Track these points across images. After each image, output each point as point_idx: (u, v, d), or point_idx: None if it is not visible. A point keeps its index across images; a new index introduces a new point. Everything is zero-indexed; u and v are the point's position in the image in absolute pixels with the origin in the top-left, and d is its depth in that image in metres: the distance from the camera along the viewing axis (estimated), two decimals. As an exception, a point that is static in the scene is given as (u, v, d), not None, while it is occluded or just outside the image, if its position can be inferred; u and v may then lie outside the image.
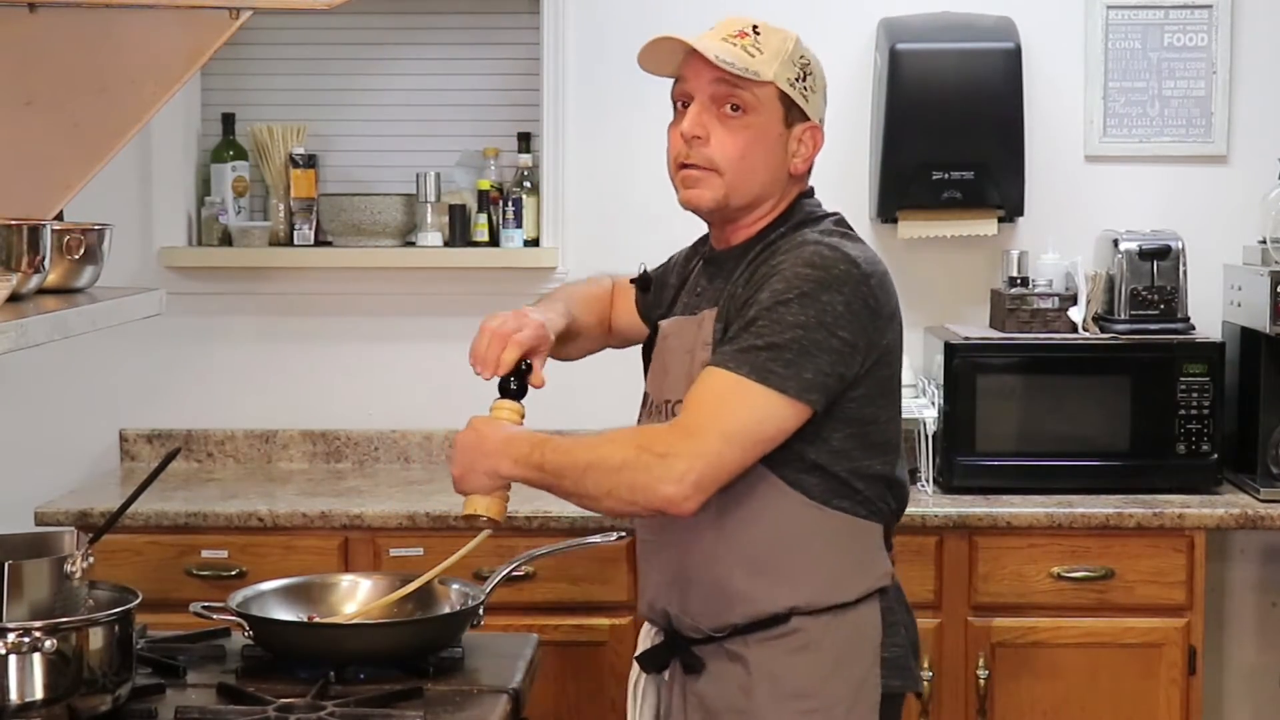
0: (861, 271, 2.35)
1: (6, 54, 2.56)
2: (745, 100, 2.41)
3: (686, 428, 2.29)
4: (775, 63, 2.42)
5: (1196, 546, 3.79)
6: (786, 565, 2.39)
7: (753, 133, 2.42)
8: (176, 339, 4.33)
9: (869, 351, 2.35)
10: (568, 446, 2.37)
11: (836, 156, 4.28)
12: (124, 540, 3.71)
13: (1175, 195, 4.31)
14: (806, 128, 2.47)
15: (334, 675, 2.53)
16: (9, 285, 2.18)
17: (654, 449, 2.28)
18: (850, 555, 2.42)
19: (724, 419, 2.29)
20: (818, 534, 2.39)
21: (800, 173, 2.49)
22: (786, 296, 2.31)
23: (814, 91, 2.47)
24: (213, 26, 2.67)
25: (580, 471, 2.33)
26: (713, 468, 2.27)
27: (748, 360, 2.29)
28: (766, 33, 2.44)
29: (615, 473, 2.30)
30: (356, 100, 4.45)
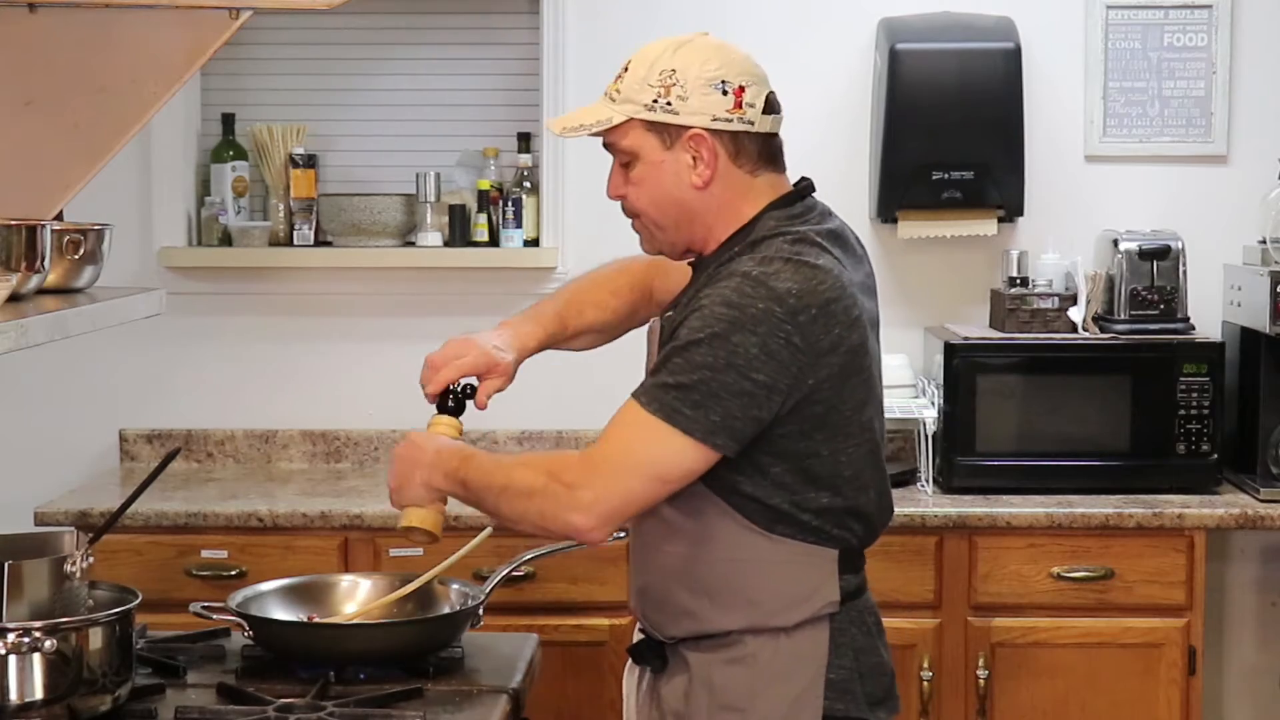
0: (786, 308, 2.25)
1: (6, 54, 2.56)
2: (623, 149, 2.40)
3: (594, 460, 2.30)
4: (630, 97, 2.37)
5: (1196, 546, 3.79)
6: (728, 588, 2.37)
7: (643, 173, 2.39)
8: (176, 339, 4.33)
9: (793, 391, 2.27)
10: (488, 467, 2.39)
11: (836, 156, 4.31)
12: (124, 540, 3.71)
13: (1175, 195, 4.31)
14: (688, 138, 2.36)
15: (334, 675, 2.53)
16: (9, 285, 2.18)
17: (562, 478, 2.29)
18: (794, 582, 2.37)
19: (630, 454, 2.28)
20: (761, 559, 2.35)
21: (703, 184, 2.38)
22: (698, 336, 2.26)
23: (685, 98, 2.35)
24: (213, 26, 2.67)
25: (495, 493, 2.36)
26: (619, 500, 2.28)
27: (657, 397, 2.26)
28: (635, 63, 2.39)
29: (525, 498, 2.31)
30: (356, 100, 4.45)
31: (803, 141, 4.26)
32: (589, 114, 2.41)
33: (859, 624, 2.42)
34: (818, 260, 2.33)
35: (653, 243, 2.47)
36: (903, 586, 3.78)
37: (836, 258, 2.37)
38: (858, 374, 2.36)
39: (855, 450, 2.37)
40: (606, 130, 2.39)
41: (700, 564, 2.38)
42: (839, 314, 2.31)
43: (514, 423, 4.29)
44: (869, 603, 2.46)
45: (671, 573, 2.41)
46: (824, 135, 4.30)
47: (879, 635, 2.46)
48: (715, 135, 2.37)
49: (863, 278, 2.46)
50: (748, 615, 2.36)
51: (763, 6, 4.30)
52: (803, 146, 4.25)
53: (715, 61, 2.38)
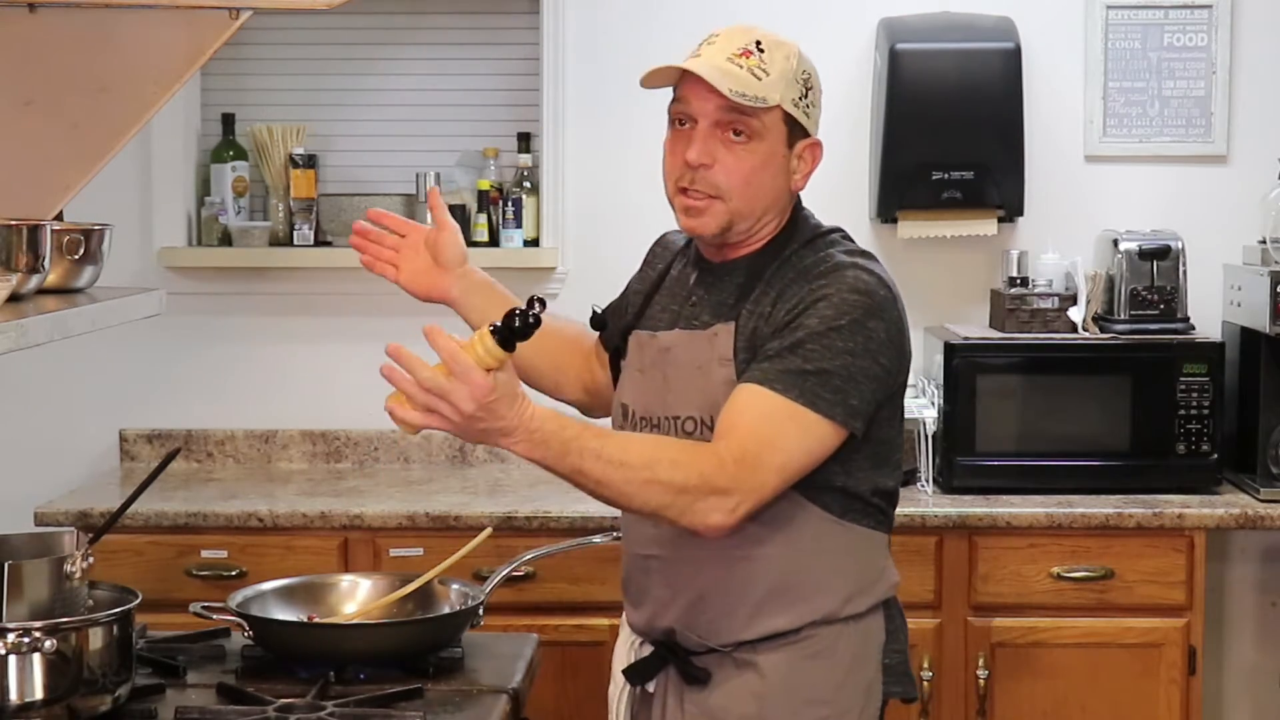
0: (894, 295, 2.38)
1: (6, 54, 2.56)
2: (751, 126, 2.38)
3: (746, 460, 2.24)
4: (781, 84, 2.39)
5: (1196, 546, 3.79)
6: (804, 582, 2.39)
7: (758, 158, 2.40)
8: (176, 339, 4.33)
9: (899, 375, 2.39)
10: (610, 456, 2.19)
11: (836, 156, 4.27)
12: (124, 540, 3.71)
13: (1175, 195, 4.31)
14: (807, 145, 2.46)
15: (334, 675, 2.53)
16: (9, 285, 2.18)
17: (716, 482, 2.22)
18: (865, 568, 2.44)
19: (778, 449, 2.27)
20: (835, 549, 2.40)
21: (800, 189, 2.49)
22: (838, 323, 2.30)
23: (815, 106, 2.47)
24: (213, 26, 2.67)
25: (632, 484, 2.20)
26: (765, 496, 2.28)
27: (796, 384, 2.28)
28: (771, 50, 2.40)
29: (672, 494, 2.22)
30: (356, 100, 4.45)
31: (803, 141, 4.31)
32: (740, 80, 2.34)
33: (899, 612, 2.50)
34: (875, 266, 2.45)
35: (723, 226, 2.39)
36: (903, 586, 3.72)
37: None
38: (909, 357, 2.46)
39: (901, 434, 2.49)
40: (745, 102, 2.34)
41: (775, 561, 2.38)
42: (902, 304, 2.42)
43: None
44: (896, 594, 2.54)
45: (743, 573, 2.39)
46: (824, 135, 4.27)
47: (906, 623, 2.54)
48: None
49: None
50: (823, 606, 2.39)
51: (763, 6, 4.29)
52: (803, 146, 4.30)
53: (818, 85, 2.49)
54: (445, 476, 4.21)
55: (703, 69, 2.36)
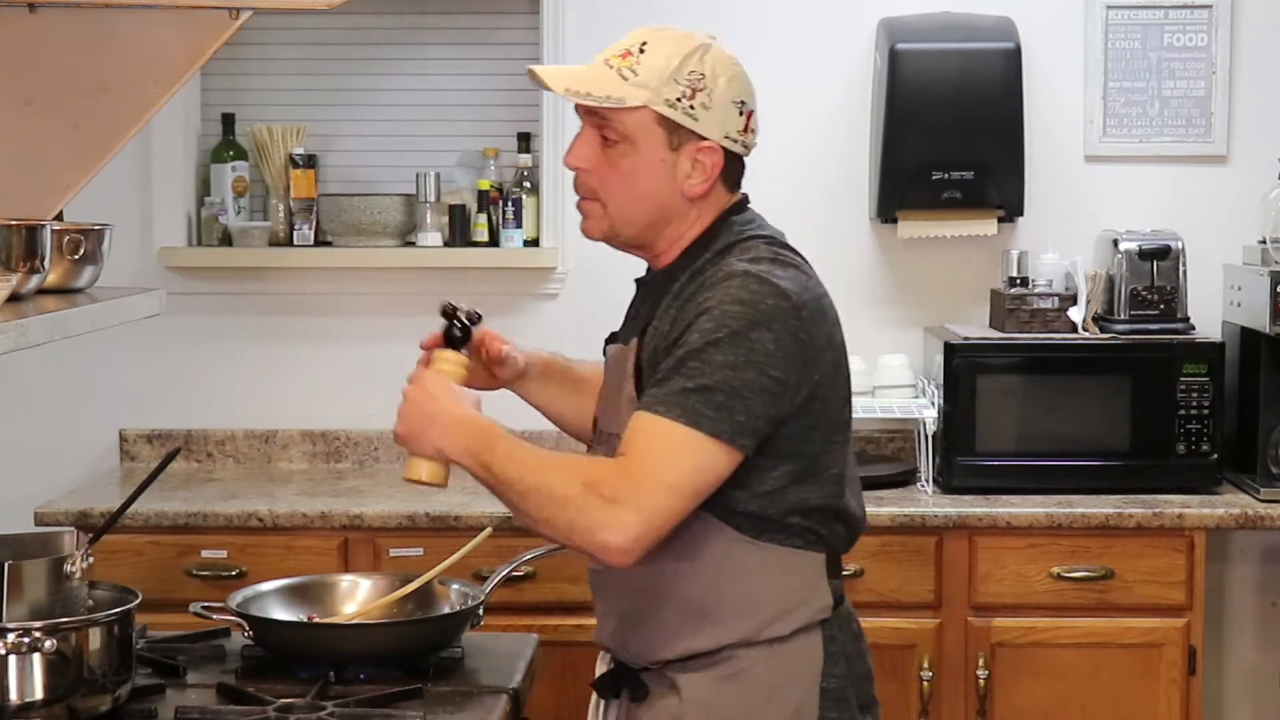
0: (792, 304, 2.24)
1: (6, 54, 2.56)
2: (617, 129, 2.30)
3: (633, 474, 2.19)
4: (651, 85, 2.28)
5: (1196, 546, 3.79)
6: (720, 605, 2.30)
7: (630, 162, 2.30)
8: (176, 339, 4.33)
9: (800, 387, 2.25)
10: (520, 458, 2.26)
11: (836, 156, 4.32)
12: (124, 540, 3.71)
13: (1175, 195, 4.31)
14: (698, 148, 2.31)
15: (334, 675, 2.53)
16: (9, 285, 2.18)
17: (601, 490, 2.17)
18: (786, 591, 2.31)
19: (665, 468, 2.18)
20: (752, 570, 2.29)
21: (697, 195, 2.33)
22: (716, 336, 2.20)
23: (709, 107, 2.31)
24: (213, 26, 2.67)
25: (524, 491, 2.24)
26: (657, 523, 2.18)
27: (678, 404, 2.18)
28: (654, 48, 2.31)
29: (559, 505, 2.20)
30: (356, 100, 4.45)
31: (803, 141, 4.31)
32: (596, 82, 2.30)
33: (847, 630, 2.38)
34: (796, 259, 2.34)
35: (607, 230, 2.36)
36: (903, 586, 3.78)
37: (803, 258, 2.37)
38: (843, 370, 2.35)
39: (840, 448, 2.35)
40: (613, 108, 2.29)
41: (690, 580, 2.30)
42: (828, 310, 2.32)
43: (513, 423, 4.28)
44: (850, 609, 2.41)
45: (658, 594, 2.33)
46: (824, 135, 4.30)
47: (864, 640, 2.43)
48: (723, 153, 2.35)
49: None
50: (741, 628, 2.30)
51: (763, 6, 4.30)
52: (803, 146, 4.31)
53: (740, 80, 2.37)
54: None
55: (547, 70, 2.38)
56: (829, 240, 4.32)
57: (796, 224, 4.24)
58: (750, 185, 4.44)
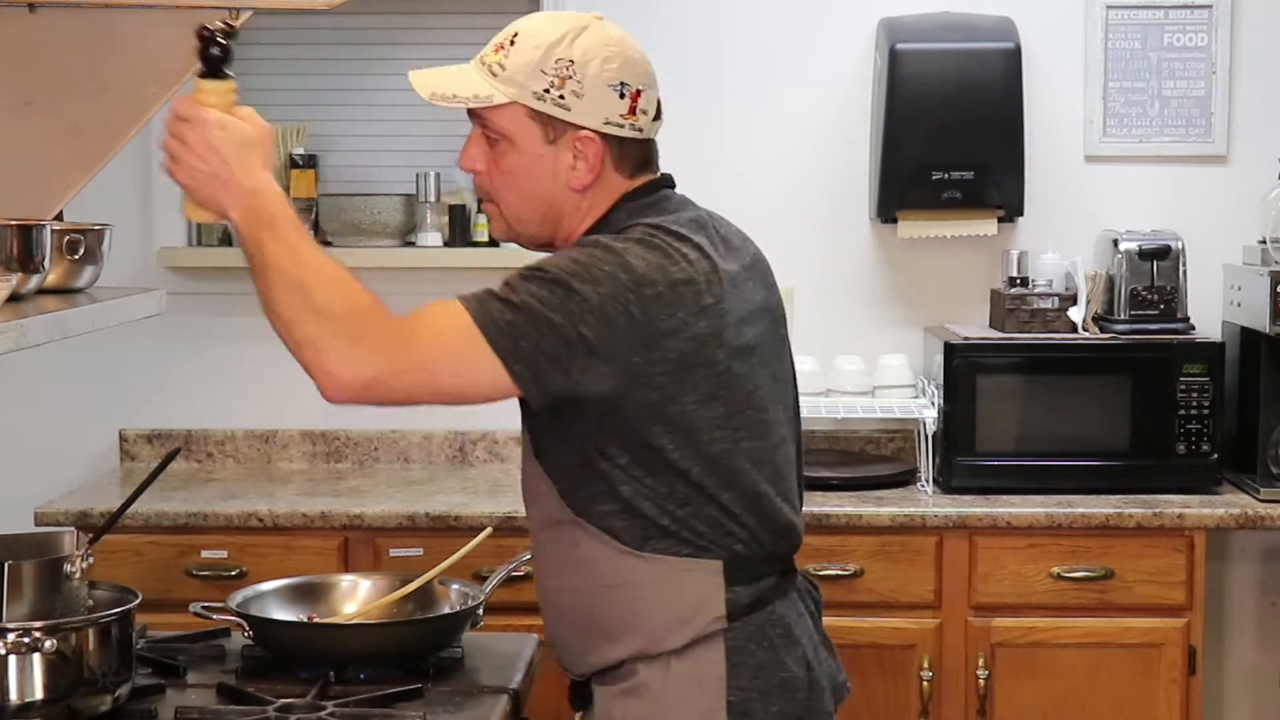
0: (632, 278, 2.14)
1: (6, 54, 2.56)
2: (495, 128, 2.26)
3: (399, 331, 2.14)
4: (517, 80, 2.22)
5: (1196, 546, 3.79)
6: (611, 619, 2.25)
7: (511, 160, 2.26)
8: (176, 339, 4.33)
9: (621, 365, 2.13)
10: (300, 252, 2.14)
11: (836, 156, 4.32)
12: (124, 540, 3.71)
13: (1175, 195, 4.31)
14: (576, 138, 2.23)
15: (334, 675, 2.52)
16: (9, 285, 2.18)
17: (360, 324, 2.13)
18: (676, 602, 2.22)
19: (429, 347, 2.13)
20: (639, 582, 2.22)
21: (584, 186, 2.26)
22: (542, 273, 2.13)
23: (581, 95, 2.22)
24: (213, 26, 2.66)
25: (286, 283, 2.13)
26: (385, 385, 2.12)
27: (479, 301, 2.12)
28: (522, 40, 2.24)
29: (311, 314, 2.11)
30: (356, 100, 4.45)
31: (803, 141, 4.31)
32: (464, 84, 2.26)
33: (759, 639, 2.25)
34: (675, 244, 2.20)
35: (508, 231, 2.34)
36: (903, 586, 3.78)
37: (699, 245, 2.22)
38: (706, 365, 2.19)
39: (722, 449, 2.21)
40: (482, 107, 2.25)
41: (584, 596, 2.27)
42: (687, 298, 2.17)
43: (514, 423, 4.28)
44: (775, 614, 2.28)
45: (563, 610, 2.32)
46: (824, 135, 4.30)
47: (787, 649, 2.27)
48: (605, 139, 2.25)
49: (741, 267, 2.29)
50: (634, 642, 2.24)
51: (763, 6, 4.30)
52: (803, 146, 4.31)
53: (617, 61, 2.25)
54: (445, 476, 4.21)
55: (418, 75, 2.33)
56: (829, 240, 4.33)
57: (796, 224, 4.29)
58: (750, 185, 4.47)
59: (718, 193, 2.77)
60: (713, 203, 2.43)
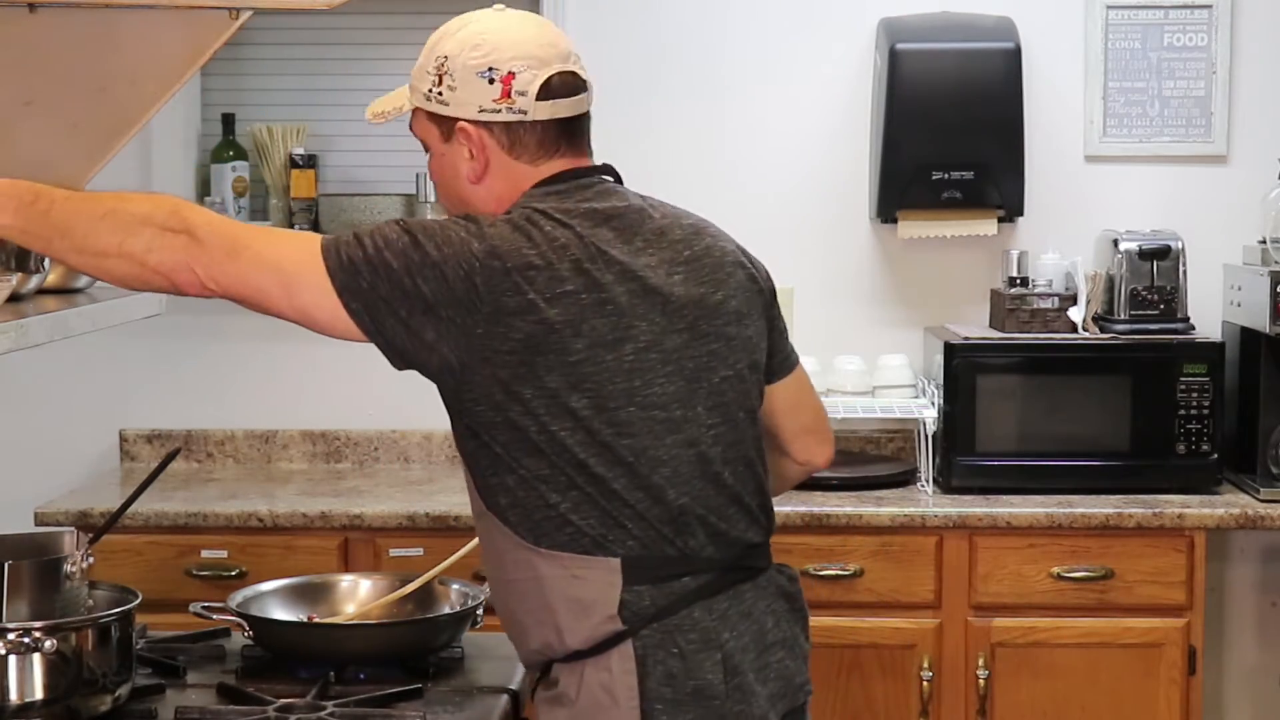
0: (484, 248, 2.13)
1: (6, 54, 2.56)
2: (417, 135, 2.33)
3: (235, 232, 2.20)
4: (416, 85, 2.30)
5: (1196, 546, 3.79)
6: (521, 614, 2.24)
7: (433, 165, 2.33)
8: (176, 339, 4.32)
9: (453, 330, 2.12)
10: (81, 195, 2.15)
11: (836, 156, 4.32)
12: (124, 540, 3.71)
13: (1175, 195, 4.31)
14: (459, 131, 2.25)
15: (334, 675, 2.52)
16: (9, 285, 2.18)
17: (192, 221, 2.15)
18: (574, 599, 2.18)
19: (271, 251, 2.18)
20: (540, 578, 2.19)
21: (476, 178, 2.25)
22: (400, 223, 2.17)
23: (454, 88, 2.23)
24: (213, 26, 2.67)
25: (95, 219, 2.12)
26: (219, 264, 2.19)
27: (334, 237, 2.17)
28: (425, 48, 2.31)
29: (138, 224, 2.12)
30: (356, 100, 4.42)
31: (803, 141, 4.31)
32: (391, 100, 2.35)
33: (669, 645, 2.17)
34: (545, 228, 2.17)
35: None
36: (903, 586, 3.78)
37: (580, 233, 2.18)
38: (557, 353, 2.14)
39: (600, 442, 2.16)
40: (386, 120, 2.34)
41: (500, 590, 2.27)
42: (539, 282, 2.13)
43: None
44: (692, 619, 2.20)
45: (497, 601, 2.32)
46: (824, 135, 4.30)
47: (703, 654, 2.19)
48: (484, 128, 2.23)
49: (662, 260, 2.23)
50: (538, 638, 2.22)
51: (763, 6, 4.30)
52: (803, 146, 4.31)
53: (485, 47, 2.23)
54: (445, 476, 4.21)
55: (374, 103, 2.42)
56: (829, 240, 4.33)
57: (796, 224, 4.29)
58: (750, 185, 4.47)
59: (718, 193, 2.78)
60: (713, 203, 2.42)
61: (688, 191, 2.48)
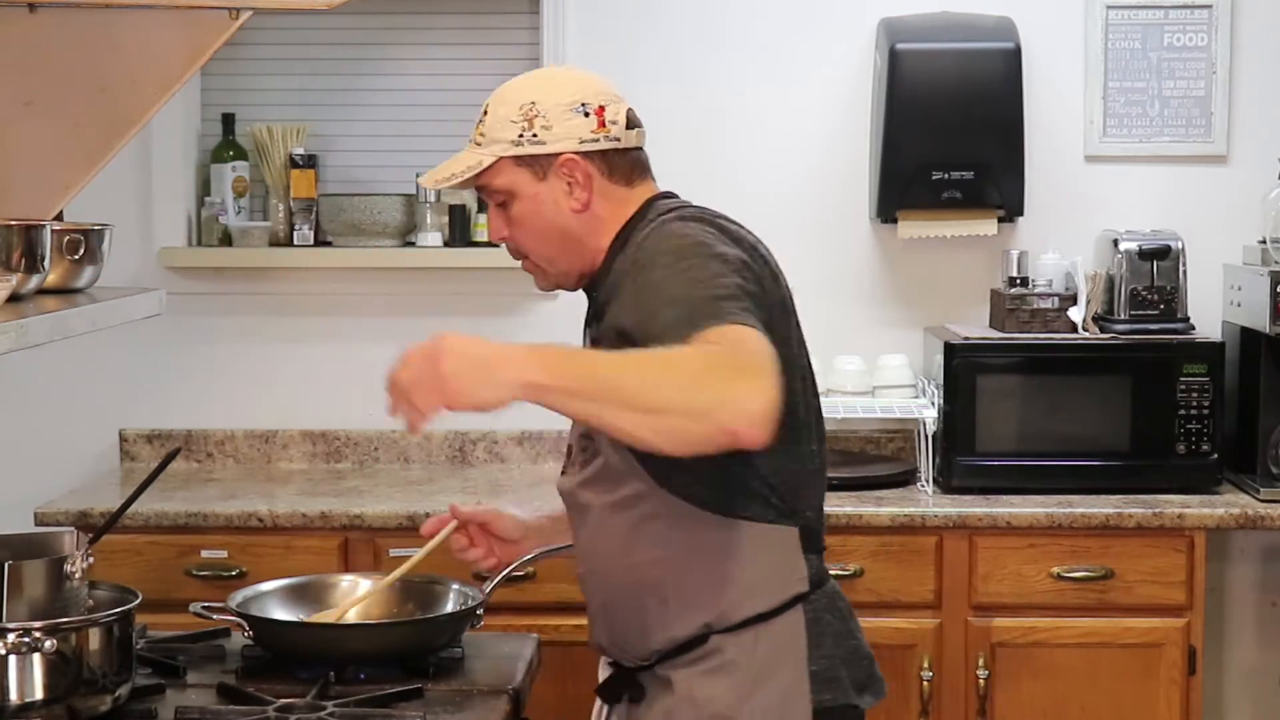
0: (730, 236, 2.26)
1: (6, 54, 2.56)
2: (497, 191, 2.40)
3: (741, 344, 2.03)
4: (497, 138, 2.39)
5: (1196, 546, 3.79)
6: (696, 585, 2.29)
7: (522, 210, 2.39)
8: (176, 339, 4.33)
9: (768, 309, 2.19)
10: (622, 355, 2.06)
11: (836, 157, 4.32)
12: (124, 540, 3.70)
13: (1175, 195, 4.31)
14: (559, 165, 2.36)
15: (334, 675, 2.53)
16: (9, 285, 2.19)
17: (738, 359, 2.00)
18: (758, 567, 2.29)
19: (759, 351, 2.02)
20: (721, 547, 2.28)
21: (582, 207, 2.37)
22: (682, 260, 2.16)
23: (549, 126, 2.36)
24: (213, 26, 2.67)
25: (652, 375, 1.99)
26: (776, 382, 1.99)
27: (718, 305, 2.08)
28: (494, 106, 2.42)
29: (700, 378, 1.97)
30: (356, 100, 4.45)
31: (803, 142, 4.31)
32: (458, 163, 2.42)
33: (832, 609, 2.35)
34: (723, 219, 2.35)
35: (546, 279, 2.47)
36: (903, 586, 3.78)
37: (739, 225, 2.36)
38: (789, 327, 2.30)
39: (812, 416, 2.33)
40: (478, 176, 2.39)
41: (661, 565, 2.30)
42: (766, 256, 2.32)
43: (514, 423, 4.30)
44: (837, 587, 2.40)
45: (634, 584, 2.33)
46: (824, 135, 4.30)
47: (853, 619, 2.40)
48: (586, 157, 2.37)
49: None
50: (714, 608, 2.28)
51: (763, 6, 4.30)
52: (803, 146, 4.31)
53: (572, 86, 2.39)
54: (445, 476, 4.21)
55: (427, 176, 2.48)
56: (829, 240, 4.33)
57: (796, 224, 4.29)
58: (750, 185, 4.47)
59: (718, 193, 2.77)
60: (713, 203, 2.43)
61: (688, 191, 2.47)
